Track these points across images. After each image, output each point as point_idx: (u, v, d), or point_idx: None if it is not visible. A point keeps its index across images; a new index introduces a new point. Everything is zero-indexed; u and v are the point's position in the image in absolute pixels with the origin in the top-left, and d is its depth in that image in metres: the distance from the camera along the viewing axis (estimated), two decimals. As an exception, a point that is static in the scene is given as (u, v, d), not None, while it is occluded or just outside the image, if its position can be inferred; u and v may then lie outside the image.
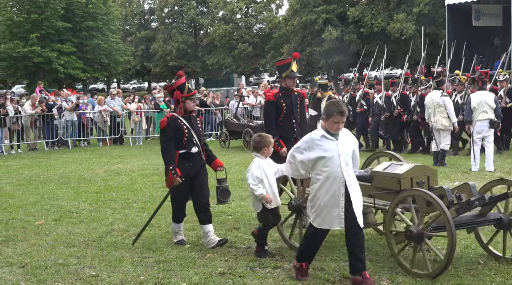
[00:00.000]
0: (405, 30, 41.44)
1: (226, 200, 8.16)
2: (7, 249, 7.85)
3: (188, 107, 7.85)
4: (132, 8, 62.34)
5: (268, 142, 7.29)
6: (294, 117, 8.98)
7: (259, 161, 7.21)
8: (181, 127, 7.75)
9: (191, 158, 7.82)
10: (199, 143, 7.89)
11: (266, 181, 7.15)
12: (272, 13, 58.06)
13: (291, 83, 8.95)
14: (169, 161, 7.71)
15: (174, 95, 7.89)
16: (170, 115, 7.94)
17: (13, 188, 12.95)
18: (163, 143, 7.89)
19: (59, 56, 41.57)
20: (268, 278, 6.39)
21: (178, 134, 7.73)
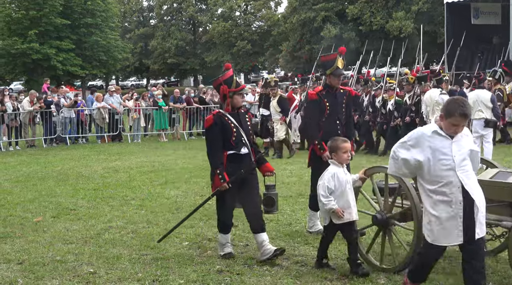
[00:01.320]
0: (404, 28, 41.49)
1: (271, 210, 7.31)
2: (5, 245, 7.84)
3: (236, 103, 7.11)
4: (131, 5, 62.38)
5: (336, 146, 6.53)
6: (339, 118, 8.13)
7: (334, 169, 6.45)
8: (228, 125, 7.00)
9: (241, 160, 7.05)
10: (248, 143, 7.14)
11: (340, 192, 6.39)
12: (271, 11, 58.15)
13: (336, 81, 8.11)
14: (216, 163, 6.97)
15: (221, 89, 7.10)
16: (216, 112, 7.16)
17: (11, 185, 12.94)
18: (208, 143, 7.13)
19: (57, 53, 41.53)
20: (266, 276, 6.39)
21: (226, 133, 6.98)
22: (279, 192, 10.86)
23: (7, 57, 42.27)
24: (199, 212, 9.48)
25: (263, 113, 17.09)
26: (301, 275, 6.39)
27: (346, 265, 6.58)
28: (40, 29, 41.19)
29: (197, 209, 7.66)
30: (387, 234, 6.52)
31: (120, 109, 22.72)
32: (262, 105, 17.37)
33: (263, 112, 17.13)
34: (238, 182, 6.99)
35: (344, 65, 8.35)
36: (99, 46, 44.22)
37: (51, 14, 41.26)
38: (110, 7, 46.66)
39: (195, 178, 13.09)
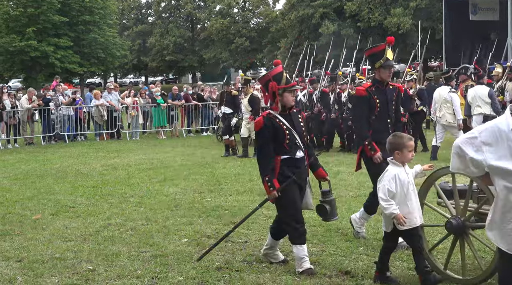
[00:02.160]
0: (402, 25, 41.47)
1: (326, 218, 6.77)
2: (4, 243, 7.84)
3: (286, 102, 6.47)
4: (129, 3, 62.29)
5: (402, 144, 5.90)
6: (389, 116, 7.51)
7: (395, 170, 5.89)
8: (280, 127, 6.39)
9: (296, 164, 6.44)
10: (302, 146, 6.53)
11: (402, 194, 5.84)
12: (269, 7, 58.08)
13: (386, 74, 7.44)
14: (264, 170, 6.38)
15: (269, 86, 6.49)
16: (266, 113, 6.52)
17: (10, 183, 12.93)
18: (259, 148, 6.61)
19: (55, 50, 41.45)
20: (265, 273, 6.40)
21: (278, 136, 6.37)
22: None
23: (5, 55, 42.19)
24: (197, 209, 9.54)
25: (225, 111, 16.79)
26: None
27: (345, 262, 6.59)
28: (38, 26, 41.11)
29: (245, 220, 7.10)
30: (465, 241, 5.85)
31: (119, 106, 22.72)
32: (224, 103, 17.00)
33: (225, 110, 16.82)
34: (298, 184, 6.45)
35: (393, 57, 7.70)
36: (97, 44, 44.14)
37: (49, 12, 41.17)
38: (108, 5, 46.58)
39: (194, 175, 13.10)
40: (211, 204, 9.91)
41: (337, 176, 12.22)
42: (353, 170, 12.80)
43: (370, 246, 7.16)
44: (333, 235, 7.70)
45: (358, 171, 8.04)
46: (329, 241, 7.43)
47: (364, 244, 7.25)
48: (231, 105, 16.75)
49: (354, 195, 10.24)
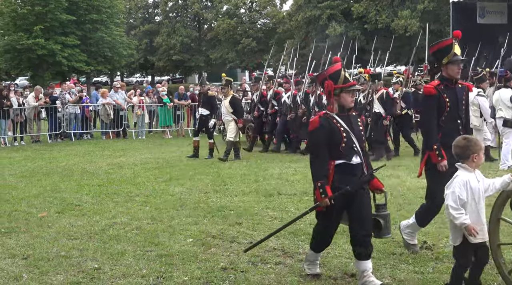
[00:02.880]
0: (409, 27, 41.40)
1: (379, 234, 6.19)
2: (10, 240, 7.86)
3: (343, 102, 5.98)
4: (136, 2, 62.27)
5: (478, 147, 5.42)
6: (459, 116, 6.89)
7: (466, 176, 5.38)
8: (337, 129, 5.90)
9: (352, 171, 5.96)
10: (361, 152, 6.03)
11: (473, 203, 5.34)
12: (276, 8, 58.03)
13: (455, 71, 6.86)
14: (318, 174, 5.90)
15: (325, 85, 6.01)
16: (322, 113, 6.04)
17: (16, 180, 12.97)
18: (312, 150, 6.14)
19: (62, 48, 41.50)
20: (270, 274, 6.39)
21: (334, 139, 5.87)
22: (283, 189, 10.98)
23: (12, 53, 42.28)
24: (203, 209, 9.54)
25: (202, 112, 16.26)
26: (305, 273, 6.38)
27: (350, 264, 6.58)
28: (45, 24, 41.17)
29: (292, 223, 6.70)
30: None
31: (125, 105, 22.75)
32: (201, 104, 16.47)
33: (202, 112, 16.28)
34: (348, 196, 5.92)
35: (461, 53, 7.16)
36: (104, 42, 44.20)
37: (57, 10, 41.23)
38: (116, 4, 46.63)
39: (200, 175, 13.11)
40: (217, 204, 9.91)
41: (343, 178, 12.19)
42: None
43: (376, 249, 7.13)
44: (339, 237, 7.67)
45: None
46: (335, 243, 7.39)
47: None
48: (208, 106, 16.22)
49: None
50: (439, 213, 8.76)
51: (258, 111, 17.80)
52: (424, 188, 10.78)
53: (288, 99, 16.94)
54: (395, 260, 6.69)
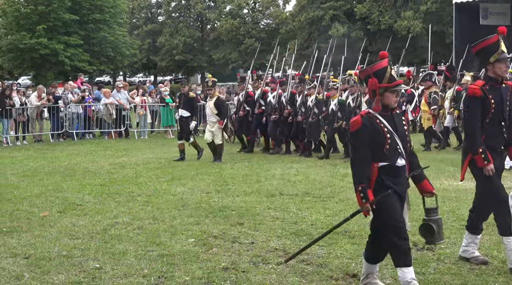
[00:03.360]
0: (412, 28, 41.41)
1: (431, 240, 5.91)
2: (12, 240, 7.87)
3: (387, 102, 5.60)
4: (139, 2, 62.36)
5: None
6: (504, 118, 6.50)
7: None
8: (380, 129, 5.56)
9: (397, 174, 5.60)
10: (404, 154, 5.66)
11: None
12: (279, 9, 58.11)
13: (503, 69, 6.45)
14: (359, 177, 5.53)
15: (369, 83, 5.66)
16: (365, 113, 5.70)
17: (18, 179, 12.98)
18: (354, 151, 5.77)
19: (65, 48, 41.63)
20: (271, 274, 6.39)
21: (377, 139, 5.54)
22: (285, 190, 10.98)
23: (15, 52, 42.40)
24: (204, 209, 9.54)
25: (182, 114, 15.73)
26: (307, 273, 6.39)
27: (352, 264, 6.58)
28: (48, 24, 41.29)
29: (331, 232, 6.38)
30: None
31: (127, 105, 22.77)
32: (182, 105, 15.94)
33: (182, 113, 15.75)
34: (399, 194, 5.59)
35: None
36: (107, 42, 44.31)
37: (60, 10, 41.35)
38: (119, 3, 46.73)
39: (201, 175, 13.11)
40: (218, 204, 9.91)
41: (345, 178, 12.18)
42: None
43: (377, 250, 7.13)
44: (340, 238, 7.68)
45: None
46: (336, 243, 7.42)
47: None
48: (188, 107, 15.72)
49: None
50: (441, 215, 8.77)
51: (243, 111, 17.47)
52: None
53: (274, 99, 16.75)
54: (396, 261, 6.67)
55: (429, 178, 6.10)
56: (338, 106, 15.42)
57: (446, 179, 11.99)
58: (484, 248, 7.04)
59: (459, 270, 6.39)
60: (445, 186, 11.19)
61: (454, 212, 8.96)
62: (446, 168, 13.34)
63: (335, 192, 10.79)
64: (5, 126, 20.40)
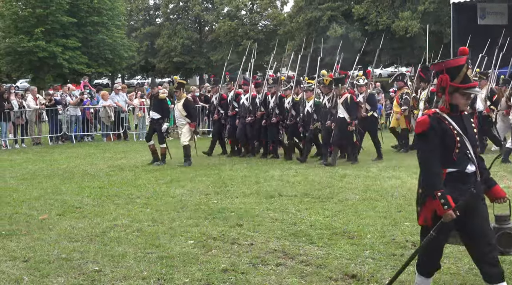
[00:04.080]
0: (410, 28, 41.45)
1: (508, 251, 5.45)
2: (11, 243, 7.86)
3: (456, 103, 5.05)
4: (137, 4, 62.43)
5: None
6: None
7: None
8: (449, 131, 5.01)
9: (466, 181, 5.03)
10: (475, 158, 5.10)
11: None
12: (277, 10, 58.14)
13: None
14: (434, 183, 4.94)
15: (439, 79, 5.10)
16: (432, 112, 5.12)
17: (17, 182, 12.97)
18: (422, 154, 5.10)
19: (64, 51, 41.61)
20: (271, 275, 6.39)
21: (446, 142, 4.99)
22: (284, 191, 10.99)
23: (13, 55, 42.39)
24: (203, 211, 9.55)
25: (153, 116, 15.41)
26: (306, 274, 6.39)
27: (351, 265, 6.58)
28: (46, 27, 41.27)
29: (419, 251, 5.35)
30: None
31: (126, 107, 22.77)
32: (152, 108, 15.67)
33: (153, 115, 15.45)
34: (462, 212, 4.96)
35: None
36: (105, 45, 44.30)
37: (58, 12, 41.34)
38: (117, 6, 46.73)
39: (200, 176, 13.11)
40: (217, 206, 9.91)
41: (344, 179, 12.21)
42: (359, 173, 12.88)
43: (376, 250, 7.15)
44: (339, 239, 7.68)
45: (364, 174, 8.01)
46: (335, 244, 7.42)
47: (370, 247, 7.24)
48: (159, 109, 15.34)
49: (361, 199, 10.23)
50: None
51: (218, 114, 17.21)
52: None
53: (247, 101, 16.37)
54: (396, 261, 6.68)
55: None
56: (313, 108, 15.14)
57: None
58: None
59: (458, 270, 6.40)
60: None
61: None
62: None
63: (334, 193, 10.79)
64: (3, 129, 20.40)
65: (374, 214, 8.97)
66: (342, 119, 14.39)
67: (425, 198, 5.03)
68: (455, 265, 6.52)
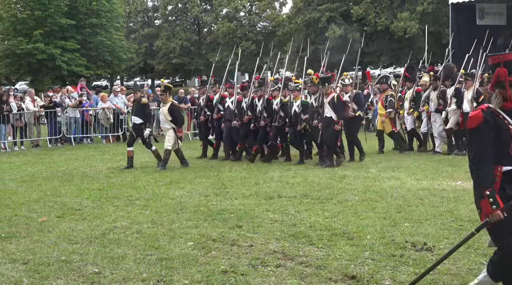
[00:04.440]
0: (409, 29, 41.48)
1: None
2: (10, 245, 7.86)
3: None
4: (136, 6, 62.43)
5: None
6: None
7: None
8: (504, 126, 4.78)
9: None
10: None
11: None
12: (276, 11, 58.17)
13: None
14: (484, 181, 4.76)
15: (496, 72, 4.87)
16: (485, 107, 4.89)
17: (16, 185, 12.97)
18: (474, 150, 4.91)
19: (62, 53, 41.65)
20: (270, 276, 6.39)
21: (501, 138, 4.77)
22: (283, 192, 10.98)
23: (12, 57, 42.42)
24: (203, 212, 9.54)
25: (135, 121, 15.19)
26: (306, 276, 6.38)
27: (351, 266, 6.58)
28: (45, 29, 41.30)
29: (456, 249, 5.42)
30: None
31: (125, 109, 22.77)
32: (134, 112, 15.39)
33: (135, 121, 15.22)
34: None
35: None
36: (104, 46, 44.33)
37: (56, 14, 41.38)
38: (115, 8, 46.77)
39: (200, 178, 13.11)
40: (217, 208, 9.90)
41: (343, 180, 12.21)
42: (359, 174, 12.88)
43: (376, 251, 7.14)
44: (339, 240, 7.68)
45: (364, 175, 8.02)
46: (335, 245, 7.42)
47: (370, 248, 7.23)
48: (141, 114, 15.10)
49: (360, 200, 10.23)
50: (439, 215, 8.80)
51: (204, 116, 16.90)
52: (423, 189, 10.84)
53: (232, 104, 16.00)
54: (395, 262, 6.68)
55: (426, 178, 6.09)
56: (301, 108, 14.97)
57: (444, 179, 12.01)
58: (483, 248, 7.04)
59: (458, 270, 6.39)
60: (444, 186, 11.21)
61: (452, 212, 8.98)
62: (444, 168, 13.37)
63: (334, 194, 10.79)
64: (2, 132, 20.39)
65: (373, 215, 8.97)
66: (329, 119, 14.28)
67: (480, 197, 4.81)
68: (455, 265, 6.51)
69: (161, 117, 15.31)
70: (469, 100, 15.55)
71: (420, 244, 7.31)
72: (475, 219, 8.40)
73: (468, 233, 5.29)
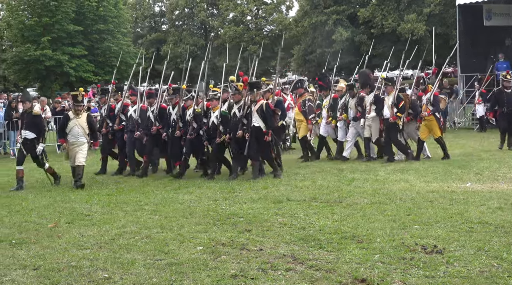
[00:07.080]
0: (416, 31, 41.40)
1: None
2: (20, 251, 7.88)
3: None
4: (143, 11, 62.64)
5: None
6: None
7: None
8: None
9: None
10: None
11: None
12: (282, 15, 58.19)
13: None
14: None
15: None
16: None
17: (25, 191, 13.03)
18: None
19: (70, 59, 41.79)
20: (280, 281, 6.38)
21: None
22: (292, 196, 10.97)
23: (20, 64, 42.58)
24: (212, 217, 9.54)
25: (27, 136, 13.55)
26: (316, 279, 6.37)
27: (361, 269, 6.56)
28: (52, 35, 41.45)
29: None
30: None
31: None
32: (25, 126, 13.72)
33: (26, 135, 13.57)
34: None
35: None
36: (111, 52, 44.44)
37: (64, 21, 41.52)
38: (122, 13, 46.90)
39: (208, 182, 13.11)
40: (226, 212, 9.90)
41: (352, 183, 12.18)
42: (367, 176, 12.85)
43: (386, 254, 7.12)
44: (349, 243, 7.66)
45: (373, 178, 8.02)
46: (345, 248, 7.40)
47: (380, 251, 7.21)
48: (33, 128, 13.49)
49: (369, 202, 10.20)
50: (449, 217, 8.77)
51: (106, 128, 15.45)
52: (433, 192, 10.79)
53: (135, 113, 14.77)
54: (405, 264, 6.65)
55: (436, 180, 6.08)
56: (220, 119, 13.55)
57: (453, 181, 11.97)
58: (494, 250, 7.02)
59: (468, 273, 6.36)
60: (453, 188, 11.17)
61: (462, 214, 8.94)
62: (454, 170, 13.32)
63: (343, 197, 10.77)
64: (12, 138, 20.44)
65: (383, 218, 8.94)
66: (257, 129, 13.10)
67: None
68: (466, 268, 6.48)
69: (75, 129, 13.47)
70: (389, 105, 14.95)
71: (430, 246, 7.28)
72: (485, 221, 8.38)
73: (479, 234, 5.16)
